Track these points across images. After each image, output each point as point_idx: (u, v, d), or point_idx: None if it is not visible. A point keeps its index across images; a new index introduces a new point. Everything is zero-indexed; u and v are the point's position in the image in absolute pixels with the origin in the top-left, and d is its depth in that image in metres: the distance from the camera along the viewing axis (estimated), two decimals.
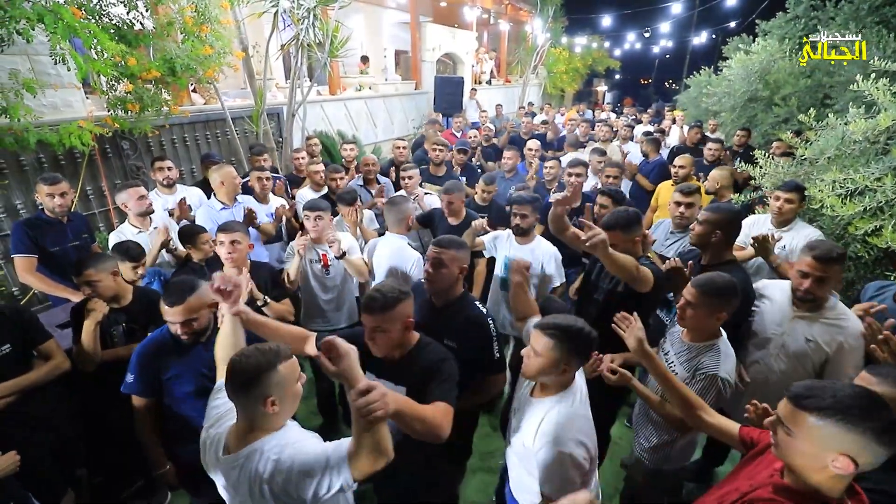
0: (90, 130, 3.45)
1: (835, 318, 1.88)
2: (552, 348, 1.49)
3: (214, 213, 3.28)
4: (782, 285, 2.06)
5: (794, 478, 1.11)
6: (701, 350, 1.78)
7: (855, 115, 2.64)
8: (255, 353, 1.26)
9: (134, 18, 3.52)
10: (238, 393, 1.25)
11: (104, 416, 2.35)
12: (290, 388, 1.30)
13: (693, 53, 19.76)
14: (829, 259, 1.81)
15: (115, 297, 2.26)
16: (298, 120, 5.72)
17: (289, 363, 1.29)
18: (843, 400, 1.03)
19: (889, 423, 1.00)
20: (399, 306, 1.61)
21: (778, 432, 1.12)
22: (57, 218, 2.90)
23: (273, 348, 1.29)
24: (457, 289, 2.03)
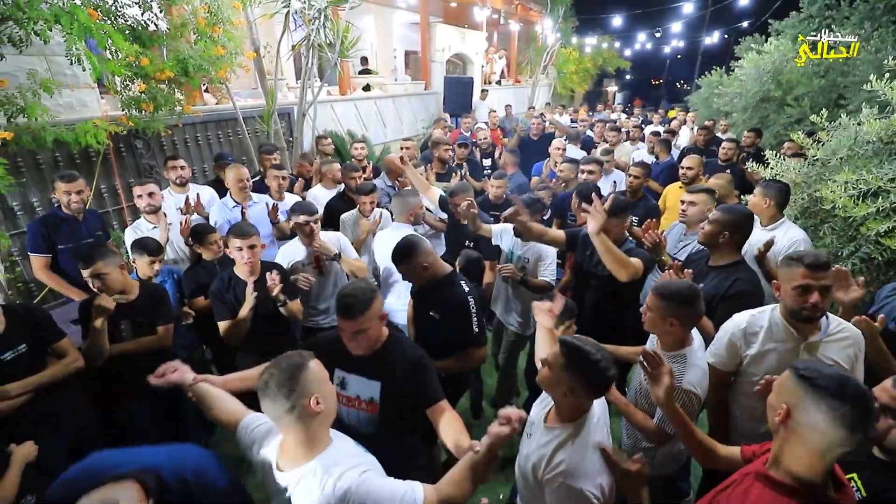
0: (105, 129, 3.52)
1: (839, 332, 1.67)
2: (562, 368, 1.40)
3: (228, 212, 3.33)
4: (766, 315, 1.77)
5: (777, 468, 1.14)
6: (670, 359, 1.73)
7: (868, 115, 2.61)
8: (282, 360, 1.28)
9: (148, 20, 3.58)
10: (283, 398, 1.22)
11: (116, 411, 2.41)
12: (327, 386, 1.32)
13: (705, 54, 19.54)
14: (824, 264, 1.62)
15: (121, 292, 2.30)
16: (309, 120, 5.77)
17: (315, 362, 1.31)
18: (815, 367, 1.11)
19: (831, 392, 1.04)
20: (374, 304, 1.68)
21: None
22: (73, 215, 2.96)
23: (293, 353, 1.31)
24: (441, 269, 2.22)
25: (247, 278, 2.42)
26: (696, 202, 2.77)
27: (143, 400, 2.42)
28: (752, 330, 1.77)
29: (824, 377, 1.06)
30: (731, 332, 1.82)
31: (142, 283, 2.47)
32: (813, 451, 1.06)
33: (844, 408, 1.01)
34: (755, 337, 1.76)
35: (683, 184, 3.97)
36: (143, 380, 2.37)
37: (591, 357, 1.36)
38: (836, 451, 1.05)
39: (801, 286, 1.60)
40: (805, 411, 1.06)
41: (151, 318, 2.40)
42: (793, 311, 1.66)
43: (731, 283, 2.07)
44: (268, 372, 1.26)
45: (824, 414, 1.03)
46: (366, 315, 1.64)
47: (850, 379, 1.07)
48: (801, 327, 1.67)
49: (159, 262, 2.68)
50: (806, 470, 1.08)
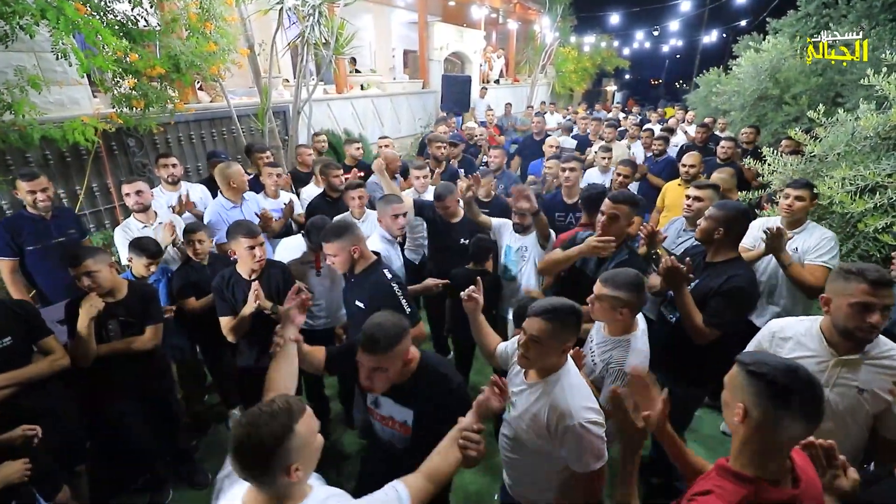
0: (94, 126, 3.48)
1: (884, 356, 1.53)
2: (552, 331, 1.49)
3: (224, 213, 3.28)
4: (806, 324, 1.67)
5: (736, 459, 1.14)
6: (615, 344, 1.83)
7: (866, 110, 2.58)
8: (266, 419, 1.05)
9: (138, 15, 3.54)
10: (252, 471, 1.04)
11: (105, 411, 2.37)
12: (312, 446, 1.12)
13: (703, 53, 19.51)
14: (888, 282, 1.46)
15: (109, 291, 2.26)
16: (304, 118, 5.73)
17: (305, 418, 1.10)
18: (762, 358, 1.11)
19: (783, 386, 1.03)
20: (400, 344, 1.55)
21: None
22: (40, 214, 2.85)
23: (283, 406, 1.08)
24: (368, 258, 2.30)
25: (248, 277, 2.42)
26: (702, 198, 2.75)
27: (131, 401, 2.40)
28: (783, 335, 1.70)
29: (774, 370, 1.06)
30: (763, 334, 1.80)
31: (130, 283, 2.43)
32: (770, 445, 1.07)
33: (798, 400, 1.02)
34: (784, 343, 1.69)
35: (684, 181, 3.94)
36: (132, 380, 2.37)
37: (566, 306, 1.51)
38: (793, 443, 1.08)
39: (862, 304, 1.45)
40: (761, 408, 1.06)
41: (140, 318, 2.36)
42: (846, 330, 1.51)
43: (726, 279, 2.04)
44: (244, 429, 1.04)
45: (779, 409, 1.04)
46: (389, 354, 1.52)
47: (799, 367, 1.07)
48: (840, 344, 1.55)
49: (156, 265, 2.67)
50: (764, 463, 1.08)
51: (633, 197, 2.35)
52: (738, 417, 1.09)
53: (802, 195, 2.47)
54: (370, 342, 1.51)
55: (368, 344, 1.52)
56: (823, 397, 1.05)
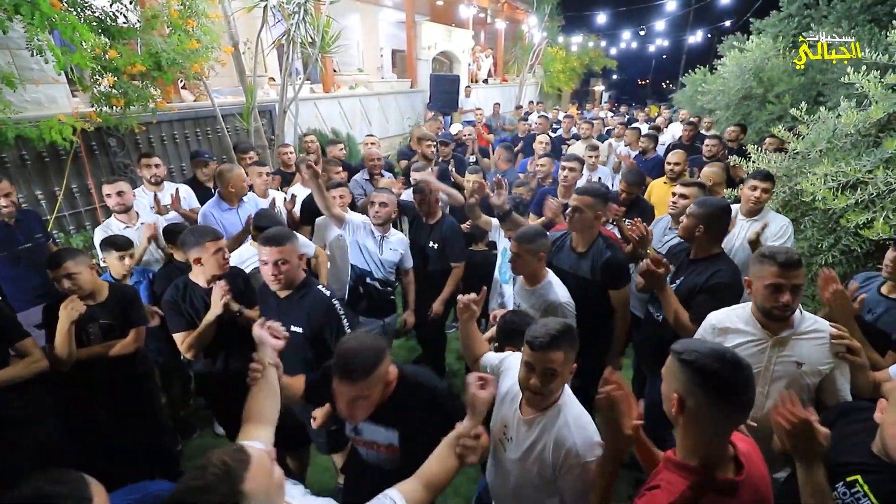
0: (72, 125, 3.39)
1: (812, 329, 1.63)
2: (565, 360, 1.38)
3: (220, 213, 3.22)
4: (739, 311, 1.75)
5: (679, 449, 1.14)
6: (539, 290, 2.15)
7: (846, 108, 2.62)
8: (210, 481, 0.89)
9: (118, 11, 3.46)
10: None
11: (85, 417, 2.31)
12: (269, 491, 0.97)
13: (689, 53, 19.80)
14: (796, 263, 1.57)
15: (90, 293, 2.21)
16: (291, 117, 5.67)
17: (252, 469, 0.94)
18: (691, 345, 1.11)
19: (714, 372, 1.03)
20: (380, 366, 1.41)
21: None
22: (3, 220, 2.76)
23: (219, 473, 0.90)
24: (298, 275, 2.07)
25: (206, 285, 2.25)
26: (687, 195, 2.77)
27: (113, 406, 2.34)
28: (721, 326, 1.75)
29: (702, 357, 1.06)
30: (703, 328, 1.82)
31: (111, 285, 2.37)
32: (709, 432, 1.07)
33: (728, 384, 1.03)
34: (725, 333, 1.73)
35: (669, 179, 3.97)
36: (114, 385, 2.31)
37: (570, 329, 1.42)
38: (732, 428, 1.09)
39: (773, 285, 1.56)
40: (694, 396, 1.06)
41: (122, 321, 2.30)
42: (763, 310, 1.62)
43: (710, 275, 2.06)
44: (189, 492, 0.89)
45: (711, 395, 1.04)
46: (369, 380, 1.38)
47: (727, 352, 1.08)
48: (770, 324, 1.64)
49: (129, 258, 2.57)
50: (704, 451, 1.08)
51: (597, 190, 2.38)
52: (674, 408, 1.08)
53: (768, 187, 2.65)
54: (347, 371, 1.36)
55: (345, 373, 1.36)
56: (753, 379, 1.06)
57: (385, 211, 2.86)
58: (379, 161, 4.35)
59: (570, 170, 3.52)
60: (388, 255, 2.95)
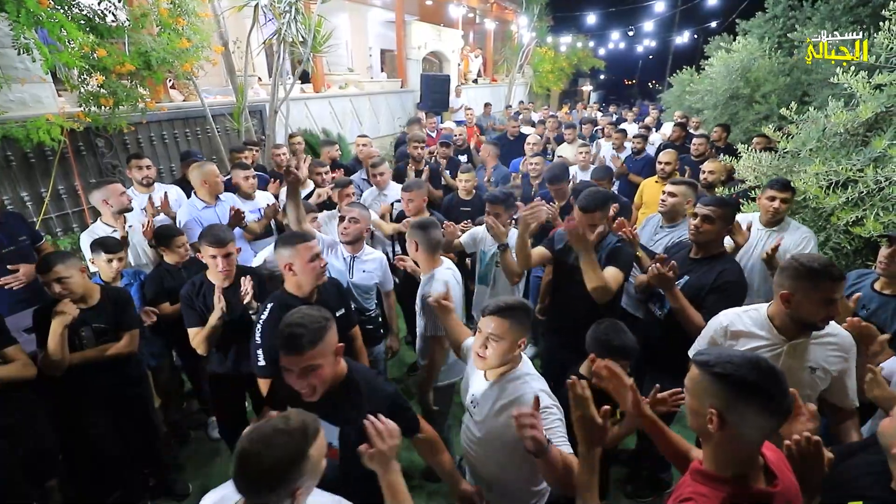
0: (59, 125, 3.32)
1: (826, 335, 1.63)
2: (510, 329, 1.53)
3: (197, 213, 3.17)
4: (753, 315, 1.74)
5: (709, 461, 1.10)
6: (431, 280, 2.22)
7: (835, 107, 2.67)
8: (280, 438, 0.97)
9: (106, 9, 3.40)
10: (256, 493, 0.97)
11: (77, 424, 2.26)
12: (319, 469, 1.06)
13: (676, 54, 20.06)
14: (842, 276, 1.54)
15: (82, 297, 2.17)
16: (282, 117, 5.62)
17: (319, 439, 1.04)
18: (723, 356, 1.06)
19: (755, 384, 1.00)
20: (328, 335, 1.42)
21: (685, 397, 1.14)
22: None
23: (299, 426, 1.00)
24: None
25: (219, 284, 2.28)
26: (676, 194, 2.79)
27: (106, 411, 2.30)
28: (734, 328, 1.73)
29: (739, 368, 1.02)
30: (713, 329, 1.79)
31: (103, 288, 2.32)
32: (746, 445, 1.04)
33: (768, 394, 1.00)
34: (737, 337, 1.71)
35: (661, 178, 4.01)
36: (106, 389, 2.27)
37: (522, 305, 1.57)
38: (766, 438, 1.06)
39: (830, 299, 1.53)
40: (736, 412, 1.01)
41: (114, 324, 2.26)
42: (809, 322, 1.58)
43: (718, 275, 2.07)
44: (254, 446, 0.97)
45: (755, 409, 1.00)
46: (317, 348, 1.37)
47: (760, 359, 1.05)
48: (792, 330, 1.62)
49: (118, 261, 2.51)
50: (739, 462, 1.06)
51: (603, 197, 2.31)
52: (713, 425, 1.03)
53: (787, 197, 2.50)
54: (292, 340, 1.36)
55: (291, 343, 1.36)
56: (787, 385, 1.03)
57: (355, 228, 2.49)
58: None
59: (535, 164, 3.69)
60: (360, 279, 2.57)
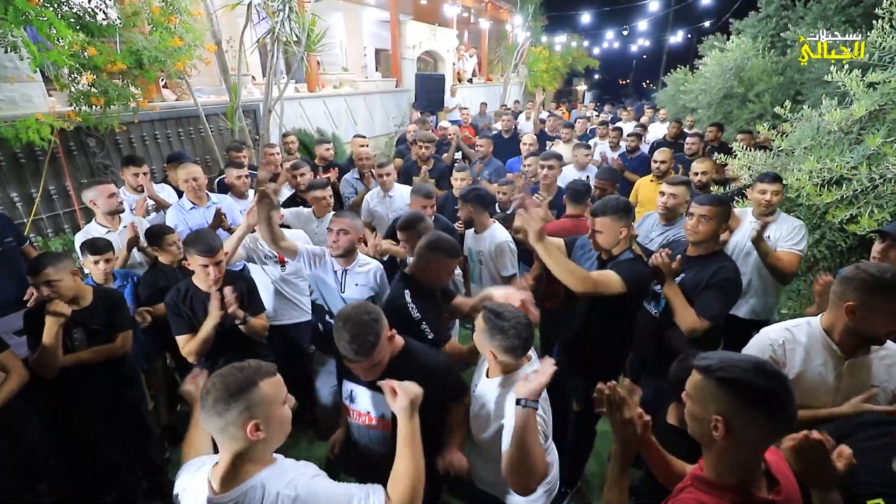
0: (49, 124, 3.27)
1: (882, 348, 1.53)
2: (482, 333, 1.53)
3: (184, 214, 3.15)
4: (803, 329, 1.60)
5: (711, 468, 1.08)
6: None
7: (829, 106, 2.68)
8: (233, 371, 1.13)
9: (97, 7, 3.35)
10: (216, 415, 1.07)
11: (71, 425, 2.23)
12: (276, 411, 1.14)
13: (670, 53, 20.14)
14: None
15: (74, 298, 2.13)
16: (276, 117, 5.58)
17: (272, 380, 1.15)
18: (727, 361, 1.03)
19: (763, 389, 0.97)
20: (384, 330, 1.52)
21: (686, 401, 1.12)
22: None
23: (253, 364, 1.15)
24: None
25: (208, 290, 2.20)
26: (676, 194, 2.79)
27: (98, 413, 2.27)
28: (791, 346, 1.58)
29: (745, 373, 0.99)
30: (770, 347, 1.60)
31: (96, 289, 2.29)
32: (750, 452, 1.02)
33: (776, 400, 0.97)
34: (794, 354, 1.57)
35: (656, 177, 4.02)
36: (99, 391, 2.23)
37: (502, 324, 1.49)
38: (770, 444, 1.05)
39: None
40: (743, 419, 0.98)
41: (107, 326, 2.23)
42: (873, 337, 1.47)
43: (714, 272, 2.07)
44: (212, 380, 1.12)
45: (762, 415, 0.98)
46: (377, 350, 1.49)
47: (766, 363, 1.02)
48: (851, 346, 1.51)
49: (105, 262, 2.48)
50: (742, 469, 1.04)
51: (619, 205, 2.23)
52: (718, 432, 1.00)
53: (777, 189, 2.58)
54: (357, 348, 1.47)
55: (359, 349, 1.47)
56: (794, 391, 1.00)
57: (346, 239, 2.32)
58: (368, 161, 4.29)
59: (548, 168, 3.57)
60: (352, 293, 2.39)
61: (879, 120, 2.54)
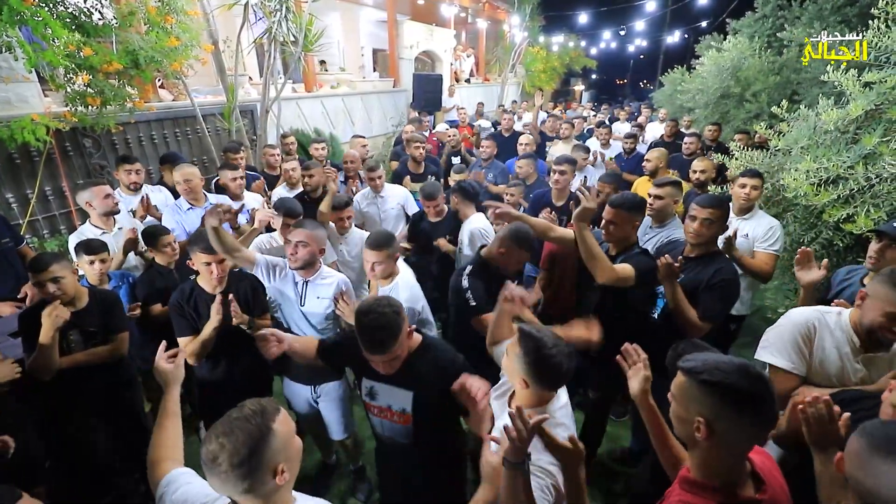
0: (45, 125, 3.25)
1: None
2: (517, 357, 1.38)
3: (181, 215, 3.13)
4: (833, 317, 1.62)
5: (696, 469, 1.08)
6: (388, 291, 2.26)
7: (825, 105, 2.69)
8: (239, 423, 0.99)
9: (93, 7, 3.34)
10: (238, 480, 0.96)
11: (67, 428, 2.22)
12: (293, 447, 1.07)
13: (667, 53, 20.20)
14: None
15: (70, 300, 2.13)
16: (273, 117, 5.57)
17: (281, 416, 1.05)
18: (711, 363, 1.03)
19: (747, 392, 0.98)
20: (403, 327, 1.52)
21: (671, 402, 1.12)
22: None
23: (255, 407, 1.02)
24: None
25: (212, 291, 2.21)
26: (662, 196, 2.79)
27: (95, 415, 2.26)
28: (819, 328, 1.61)
29: (728, 375, 0.99)
30: (796, 327, 1.62)
31: (91, 291, 2.28)
32: (734, 453, 1.03)
33: (758, 402, 0.98)
34: (820, 333, 1.60)
35: (648, 176, 4.04)
36: (95, 393, 2.22)
37: (545, 351, 1.33)
38: (755, 445, 1.06)
39: (891, 314, 1.43)
40: (725, 421, 0.99)
41: (103, 327, 2.23)
42: (870, 329, 1.51)
43: (714, 273, 2.07)
44: (217, 442, 0.96)
45: (744, 417, 0.99)
46: (398, 342, 1.50)
47: (749, 366, 1.02)
48: (865, 339, 1.54)
49: (101, 262, 2.47)
50: (727, 470, 1.05)
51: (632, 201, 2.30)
52: (701, 434, 1.01)
53: (757, 184, 2.69)
54: (375, 344, 1.49)
55: (378, 346, 1.49)
56: (775, 392, 1.01)
57: (305, 252, 2.16)
58: (353, 164, 4.20)
59: (560, 172, 3.46)
60: (313, 306, 2.25)
61: (876, 119, 2.54)
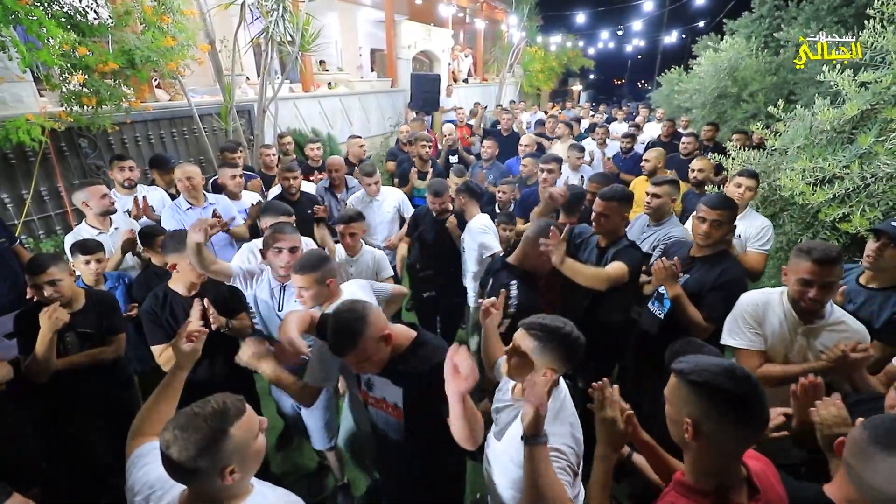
0: (40, 125, 3.24)
1: (838, 321, 1.67)
2: (535, 350, 1.39)
3: (181, 215, 3.12)
4: (775, 296, 1.78)
5: (689, 472, 1.09)
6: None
7: (821, 105, 2.70)
8: (195, 421, 0.99)
9: (88, 7, 3.32)
10: (182, 470, 0.98)
11: (64, 429, 2.21)
12: (251, 448, 1.06)
13: (664, 53, 20.24)
14: (831, 260, 1.56)
15: (68, 301, 2.12)
16: (270, 117, 5.56)
17: (242, 421, 1.03)
18: (700, 364, 1.04)
19: (732, 393, 0.98)
20: (368, 331, 1.49)
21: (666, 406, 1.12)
22: None
23: (217, 406, 1.02)
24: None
25: (188, 293, 2.14)
26: (659, 194, 2.79)
27: (92, 416, 2.25)
28: (762, 308, 1.77)
29: (715, 376, 1.00)
30: (747, 309, 1.79)
31: (88, 292, 2.27)
32: (725, 454, 1.03)
33: (745, 403, 0.98)
34: (764, 313, 1.76)
35: (645, 175, 4.04)
36: (92, 394, 2.21)
37: (562, 331, 1.38)
38: (746, 449, 1.05)
39: (804, 280, 1.59)
40: (712, 422, 1.00)
41: (100, 329, 2.21)
42: (792, 301, 1.68)
43: (720, 273, 2.07)
44: (172, 433, 0.98)
45: (730, 418, 0.99)
46: (359, 347, 1.49)
47: (737, 367, 1.03)
48: (801, 316, 1.68)
49: (96, 262, 2.46)
50: (719, 472, 1.05)
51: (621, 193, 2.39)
52: (688, 435, 1.01)
53: (752, 185, 2.71)
54: (338, 345, 1.51)
55: (337, 348, 1.51)
56: (765, 394, 1.02)
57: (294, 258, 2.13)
58: (338, 172, 3.82)
59: (548, 171, 3.52)
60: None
61: (871, 119, 2.56)
